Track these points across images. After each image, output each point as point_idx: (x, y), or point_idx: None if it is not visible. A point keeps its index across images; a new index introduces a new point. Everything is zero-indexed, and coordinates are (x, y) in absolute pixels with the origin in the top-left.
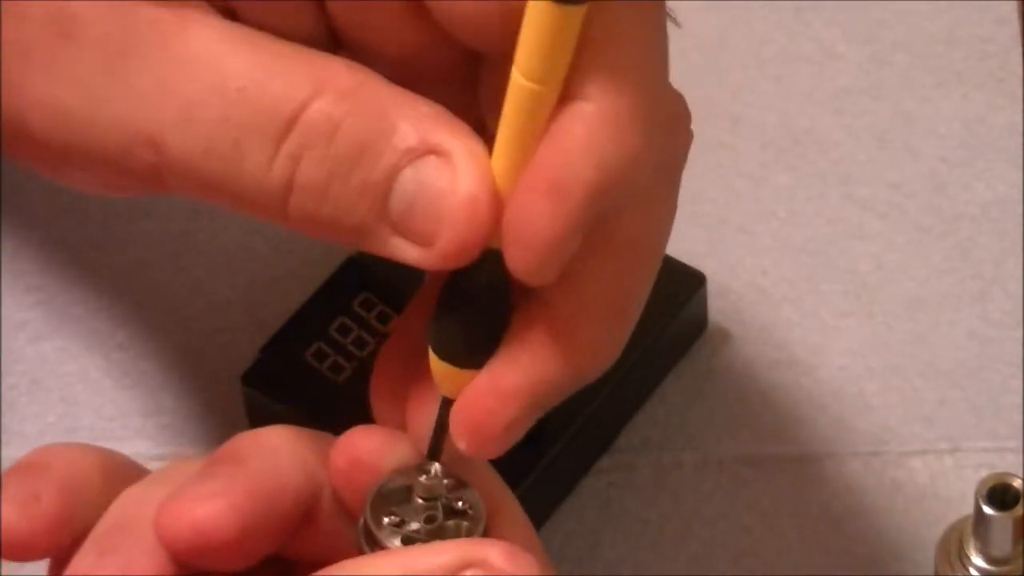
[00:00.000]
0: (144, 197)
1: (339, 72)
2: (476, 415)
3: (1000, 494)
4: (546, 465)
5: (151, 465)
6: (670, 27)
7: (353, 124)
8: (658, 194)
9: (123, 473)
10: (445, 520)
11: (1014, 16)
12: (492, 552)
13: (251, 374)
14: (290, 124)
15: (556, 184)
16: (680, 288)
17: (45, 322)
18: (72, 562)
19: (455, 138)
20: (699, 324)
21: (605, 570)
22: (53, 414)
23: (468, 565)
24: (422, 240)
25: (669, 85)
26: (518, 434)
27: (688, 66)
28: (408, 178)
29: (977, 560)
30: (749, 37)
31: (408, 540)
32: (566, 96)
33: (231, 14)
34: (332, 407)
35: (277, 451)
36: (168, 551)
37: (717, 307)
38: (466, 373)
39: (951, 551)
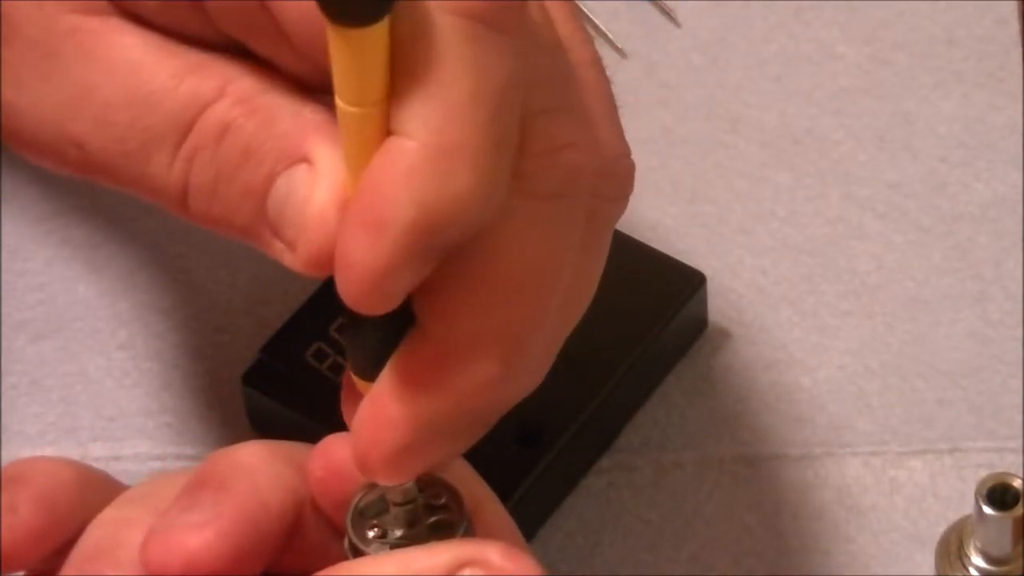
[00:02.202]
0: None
1: (242, 78)
2: (363, 441)
3: (1000, 494)
4: (546, 465)
5: (151, 465)
6: (670, 27)
7: (240, 128)
8: (536, 221)
9: (100, 487)
10: (427, 519)
11: (1014, 16)
12: (490, 551)
13: (251, 374)
14: (188, 127)
15: (375, 219)
16: (680, 288)
17: (45, 322)
18: None
19: (323, 148)
20: (699, 324)
21: (605, 570)
22: (53, 414)
23: (467, 564)
24: (290, 245)
25: (557, 110)
26: (416, 465)
27: (688, 66)
28: (281, 184)
29: (977, 560)
30: (749, 37)
31: (397, 548)
32: (392, 126)
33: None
34: (332, 407)
35: (256, 471)
36: None
37: (717, 307)
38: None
39: (951, 551)
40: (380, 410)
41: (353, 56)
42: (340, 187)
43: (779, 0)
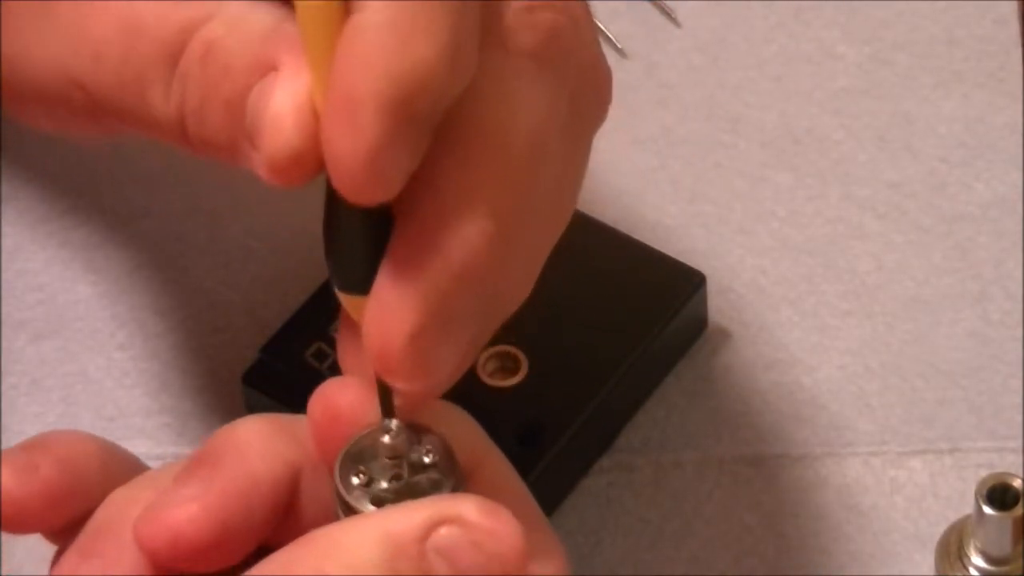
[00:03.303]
0: (143, 198)
1: (231, 2)
2: (375, 338)
3: (1000, 494)
4: (546, 465)
5: (151, 465)
6: (670, 27)
7: (222, 46)
8: (510, 78)
9: (123, 466)
10: (413, 476)
11: (1014, 16)
12: (466, 507)
13: (251, 374)
14: (180, 52)
15: (349, 101)
16: (680, 288)
17: (45, 322)
18: (59, 561)
19: (290, 55)
20: (699, 324)
21: (605, 570)
22: (53, 414)
23: (442, 522)
24: (258, 152)
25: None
26: (438, 351)
27: (688, 66)
28: (254, 94)
29: (977, 560)
30: (749, 37)
31: (377, 500)
32: (351, 9)
33: None
34: None
35: (249, 446)
36: (149, 559)
37: (717, 307)
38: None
39: (951, 551)
40: (385, 303)
41: None
42: (300, 90)
43: (779, 0)
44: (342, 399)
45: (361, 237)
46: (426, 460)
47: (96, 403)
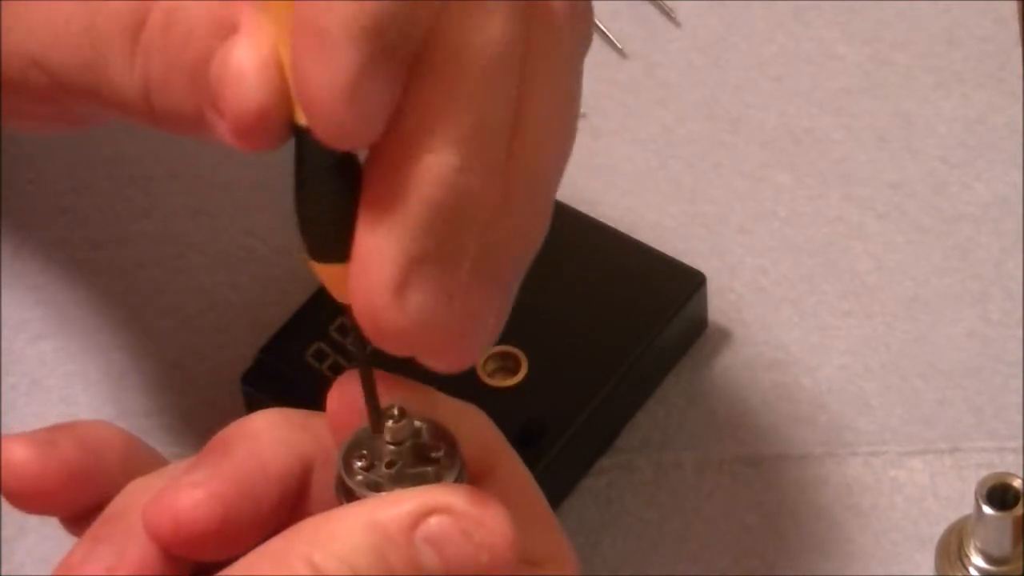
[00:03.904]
0: (143, 198)
1: None
2: (361, 298)
3: (1000, 494)
4: (546, 465)
5: None
6: (670, 27)
7: (183, 13)
8: (480, 7)
9: (145, 459)
10: (413, 466)
11: (1014, 16)
12: (455, 497)
13: (251, 374)
14: (141, 24)
15: (318, 32)
16: (680, 288)
17: (45, 322)
18: (72, 548)
19: (248, 13)
20: (699, 324)
21: (605, 570)
22: (53, 414)
23: (432, 511)
24: (221, 115)
25: None
26: (422, 296)
27: (688, 66)
28: (217, 58)
29: (977, 560)
30: (749, 37)
31: (375, 485)
32: None
33: None
34: None
35: (260, 435)
36: (155, 543)
37: (717, 307)
38: (345, 268)
39: (951, 551)
40: (364, 256)
41: None
42: (261, 45)
43: (779, 0)
44: (358, 390)
45: (335, 197)
46: (432, 454)
47: (96, 403)
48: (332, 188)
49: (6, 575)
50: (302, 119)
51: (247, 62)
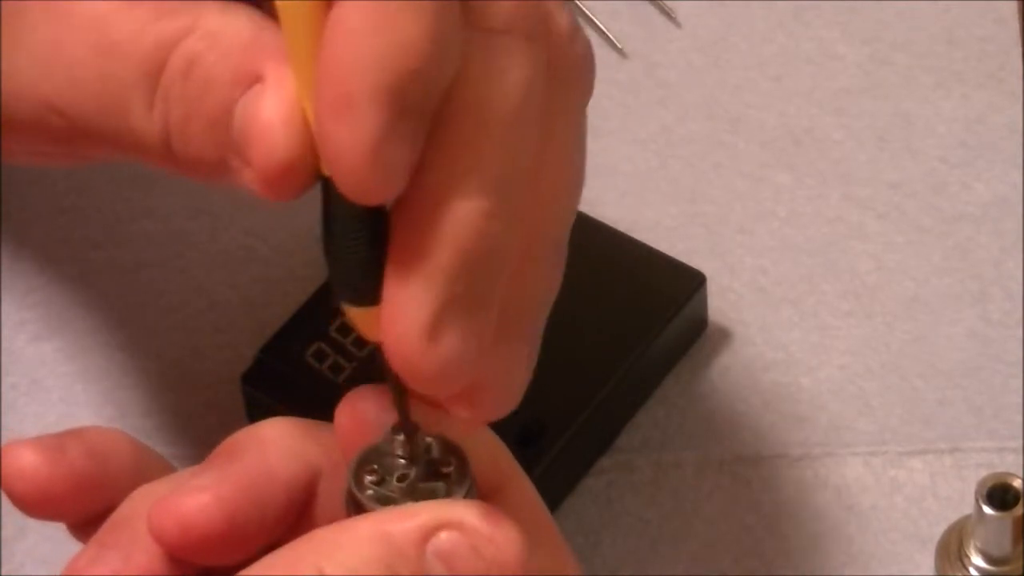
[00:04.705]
0: (143, 198)
1: (209, 14)
2: (393, 340)
3: (1000, 494)
4: (546, 465)
5: None
6: (670, 27)
7: (203, 60)
8: (491, 56)
9: (154, 467)
10: (423, 482)
11: (1014, 16)
12: (467, 512)
13: (251, 374)
14: (159, 71)
15: (343, 96)
16: (680, 288)
17: (45, 322)
18: (78, 553)
19: (273, 64)
20: (699, 324)
21: (605, 570)
22: (53, 414)
23: (443, 526)
24: (249, 166)
25: None
26: (452, 342)
27: (688, 66)
28: (240, 108)
29: (977, 560)
30: (749, 37)
31: (385, 499)
32: (330, 5)
33: None
34: (332, 407)
35: (268, 443)
36: (160, 545)
37: (717, 307)
38: (377, 310)
39: (951, 551)
40: (396, 303)
41: None
42: (288, 98)
43: (779, 0)
44: (368, 405)
45: (364, 244)
46: (442, 470)
47: (96, 403)
48: (360, 236)
49: (6, 575)
50: (327, 170)
51: (275, 115)
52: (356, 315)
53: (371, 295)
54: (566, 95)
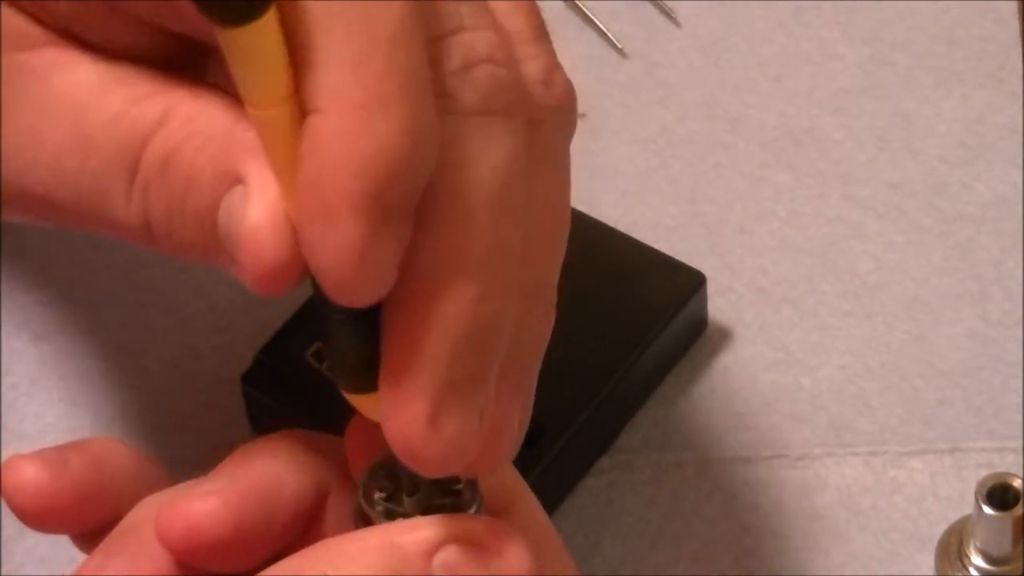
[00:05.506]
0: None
1: (183, 100)
2: (395, 434)
3: (1000, 494)
4: (546, 465)
5: None
6: (670, 27)
7: (181, 156)
8: (473, 138)
9: (157, 477)
10: (433, 499)
11: (1014, 16)
12: (476, 528)
13: (251, 374)
14: (136, 161)
15: (323, 207)
16: (680, 288)
17: (45, 323)
18: (84, 561)
19: (254, 166)
20: (699, 324)
21: (605, 570)
22: (53, 414)
23: (451, 540)
24: (239, 266)
25: (459, 29)
26: (455, 425)
27: (688, 66)
28: (224, 207)
29: (977, 560)
30: (749, 37)
31: (394, 515)
32: (305, 111)
33: (80, 39)
34: (332, 407)
35: (277, 452)
36: (166, 550)
37: (717, 307)
38: (374, 396)
39: (951, 551)
40: (393, 397)
41: (248, 55)
42: (271, 201)
43: (779, 0)
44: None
45: (357, 338)
46: (452, 487)
47: (96, 403)
48: (353, 331)
49: (6, 575)
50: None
51: (261, 219)
52: (356, 400)
53: (368, 384)
54: (550, 139)
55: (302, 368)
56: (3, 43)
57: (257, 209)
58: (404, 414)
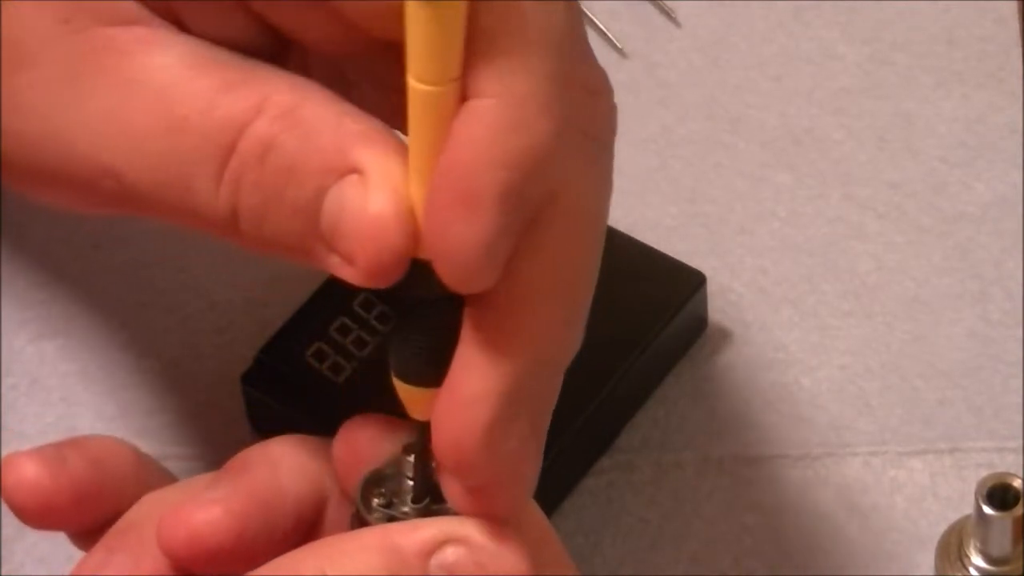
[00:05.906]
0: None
1: (280, 91)
2: (449, 432)
3: (1000, 494)
4: (546, 465)
5: None
6: (670, 27)
7: (282, 146)
8: (587, 163)
9: (155, 476)
10: (433, 504)
11: (1014, 16)
12: (474, 529)
13: (251, 374)
14: (230, 150)
15: (466, 193)
16: (680, 288)
17: (45, 322)
18: (85, 557)
19: (372, 156)
20: (699, 324)
21: (605, 570)
22: (53, 414)
23: (449, 541)
24: (348, 258)
25: (587, 57)
26: (508, 442)
27: (688, 66)
28: (332, 198)
29: (977, 560)
30: (749, 37)
31: (391, 520)
32: (465, 95)
33: (177, 20)
34: (332, 407)
35: (280, 460)
36: (168, 557)
37: (717, 307)
38: (431, 392)
39: (951, 551)
40: (460, 397)
41: (434, 29)
42: (396, 193)
43: (779, 0)
44: (364, 433)
45: (436, 330)
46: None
47: (96, 403)
48: (438, 320)
49: (6, 575)
50: (423, 253)
51: (387, 209)
52: (407, 392)
53: (432, 379)
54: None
55: (302, 368)
56: (93, 16)
57: (381, 198)
58: (463, 417)
